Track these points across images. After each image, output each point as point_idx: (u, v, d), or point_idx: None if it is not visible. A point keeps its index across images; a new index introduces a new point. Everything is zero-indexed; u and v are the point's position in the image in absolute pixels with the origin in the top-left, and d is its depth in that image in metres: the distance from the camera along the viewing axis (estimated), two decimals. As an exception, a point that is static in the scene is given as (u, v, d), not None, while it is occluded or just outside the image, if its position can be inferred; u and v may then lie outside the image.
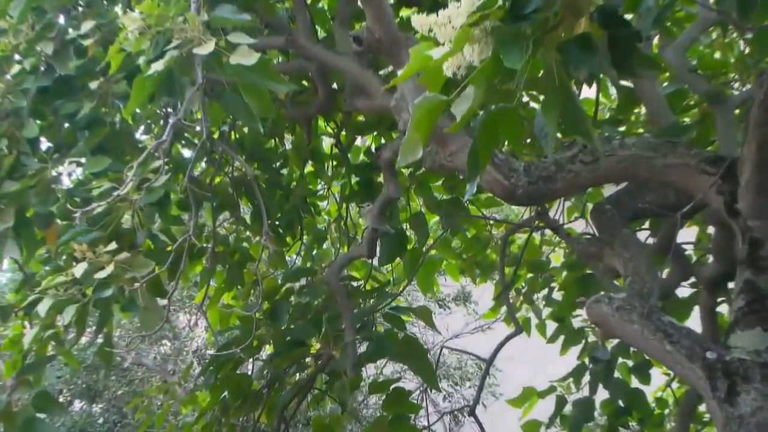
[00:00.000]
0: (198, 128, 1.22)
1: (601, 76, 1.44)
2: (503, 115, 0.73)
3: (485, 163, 0.79)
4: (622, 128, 1.83)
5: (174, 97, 1.13)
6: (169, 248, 1.39)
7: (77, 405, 4.31)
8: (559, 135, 1.02)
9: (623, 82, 1.62)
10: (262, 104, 1.12)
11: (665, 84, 1.60)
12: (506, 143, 1.01)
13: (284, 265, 2.32)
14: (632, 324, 0.99)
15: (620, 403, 1.86)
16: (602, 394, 1.86)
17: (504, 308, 2.37)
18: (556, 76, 0.69)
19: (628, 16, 1.04)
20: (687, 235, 1.85)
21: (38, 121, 1.42)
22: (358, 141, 2.41)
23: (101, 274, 1.18)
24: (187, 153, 2.02)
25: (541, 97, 0.75)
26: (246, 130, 2.06)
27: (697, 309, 1.61)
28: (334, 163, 2.35)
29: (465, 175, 0.79)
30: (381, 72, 1.38)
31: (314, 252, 2.52)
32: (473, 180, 0.77)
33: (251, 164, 2.11)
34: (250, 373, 2.20)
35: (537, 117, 0.78)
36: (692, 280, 1.63)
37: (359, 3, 1.34)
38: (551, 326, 2.18)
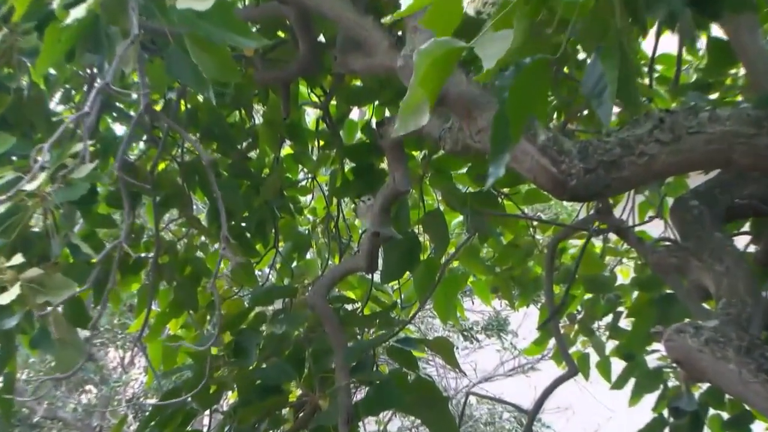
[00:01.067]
0: (134, 96, 1.21)
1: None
2: (543, 72, 0.73)
3: (517, 135, 0.79)
4: (714, 95, 1.83)
5: (100, 53, 1.12)
6: (94, 261, 1.37)
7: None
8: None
9: (714, 32, 1.62)
10: (221, 64, 1.10)
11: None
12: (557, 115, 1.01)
13: (253, 282, 2.34)
14: (727, 362, 0.99)
15: (712, 470, 1.88)
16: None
17: (552, 341, 2.38)
18: (618, 15, 0.69)
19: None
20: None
21: None
22: (354, 114, 2.43)
23: (2, 298, 1.14)
24: (119, 130, 2.03)
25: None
26: (201, 98, 2.07)
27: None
28: (321, 143, 2.37)
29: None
30: (385, 20, 1.35)
31: (294, 264, 2.56)
32: (499, 158, 0.77)
33: (208, 145, 2.13)
34: (206, 430, 2.21)
35: (588, 70, 0.78)
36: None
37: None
38: (617, 366, 2.18)
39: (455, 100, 1.17)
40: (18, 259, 1.19)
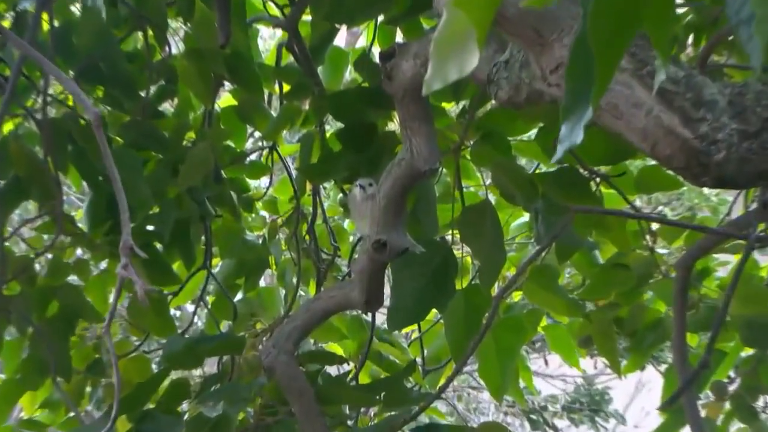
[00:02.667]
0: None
1: None
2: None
3: (609, 70, 0.79)
4: None
5: None
6: None
7: None
8: None
9: None
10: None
11: None
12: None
13: (167, 327, 2.35)
14: None
15: None
16: None
17: (687, 431, 2.37)
18: None
19: None
20: None
21: None
22: (341, 37, 2.43)
23: None
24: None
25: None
26: (79, 7, 2.11)
27: None
28: (285, 88, 2.40)
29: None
30: None
31: (238, 297, 2.59)
32: (577, 112, 0.78)
33: (90, 90, 2.14)
34: None
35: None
36: None
37: None
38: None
39: (517, 19, 1.17)
40: None
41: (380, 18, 2.26)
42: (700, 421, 2.09)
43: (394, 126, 2.06)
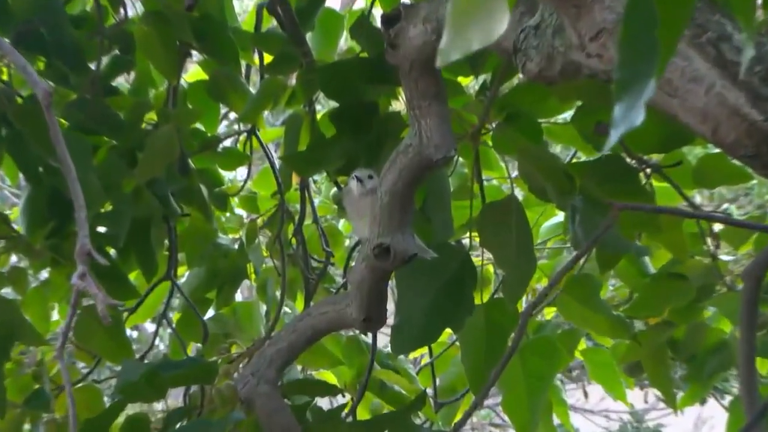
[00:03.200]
0: None
1: None
2: None
3: (672, 40, 0.79)
4: None
5: None
6: None
7: None
8: None
9: None
10: None
11: None
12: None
13: (122, 350, 2.35)
14: None
15: None
16: None
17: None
18: None
19: None
20: None
21: None
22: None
23: None
24: None
25: None
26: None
27: None
28: (266, 59, 2.41)
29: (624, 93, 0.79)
30: None
31: (209, 314, 2.60)
32: (635, 90, 0.77)
33: (30, 60, 2.13)
34: None
35: None
36: None
37: None
38: None
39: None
40: None
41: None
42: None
43: (399, 105, 2.07)
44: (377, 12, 2.36)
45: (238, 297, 2.70)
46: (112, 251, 2.29)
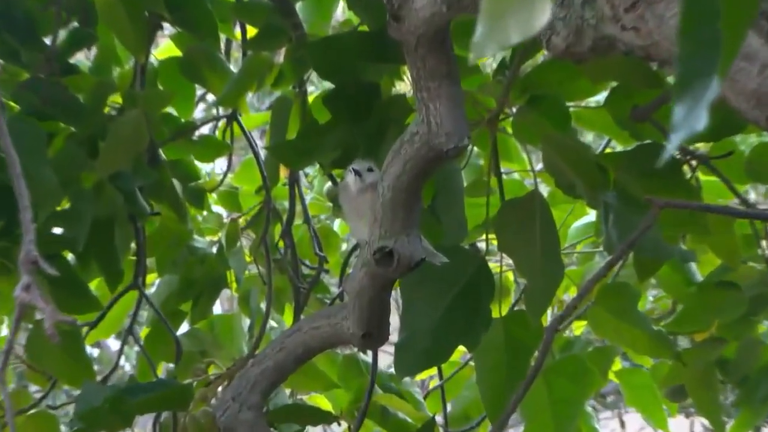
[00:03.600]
0: None
1: None
2: None
3: (745, 27, 0.79)
4: None
5: None
6: None
7: None
8: None
9: None
10: None
11: None
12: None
13: (85, 371, 2.35)
14: None
15: None
16: None
17: None
18: None
19: None
20: None
21: None
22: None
23: None
24: None
25: None
26: None
27: None
28: (251, 31, 2.41)
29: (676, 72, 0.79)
30: None
31: (182, 330, 2.62)
32: (701, 87, 0.78)
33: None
34: None
35: None
36: None
37: None
38: None
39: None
40: None
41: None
42: None
43: (404, 87, 2.06)
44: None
45: (217, 309, 2.70)
46: (70, 256, 2.29)
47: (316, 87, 2.32)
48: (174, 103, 2.46)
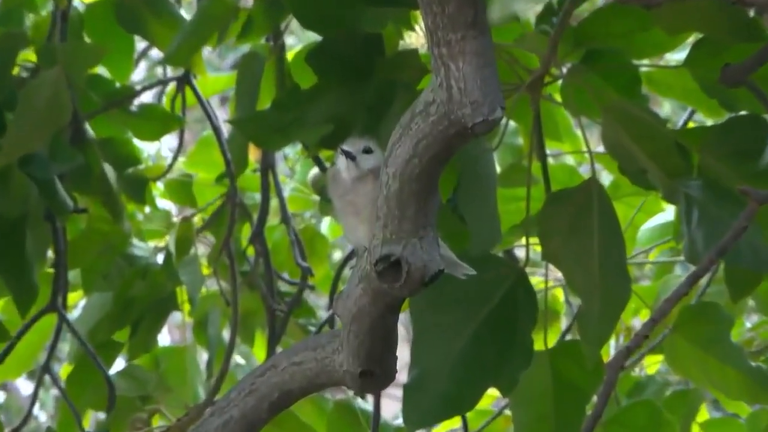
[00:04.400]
0: None
1: None
2: None
3: None
4: None
5: None
6: None
7: None
8: None
9: None
10: None
11: None
12: None
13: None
14: None
15: None
16: None
17: None
18: None
19: None
20: None
21: None
22: None
23: None
24: None
25: None
26: None
27: None
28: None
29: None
30: None
31: (120, 364, 2.62)
32: None
33: None
34: None
35: None
36: None
37: None
38: None
39: None
40: None
41: None
42: None
43: (415, 40, 2.07)
44: None
45: (164, 339, 2.71)
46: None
47: (297, 39, 2.33)
48: (106, 61, 2.47)
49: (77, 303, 2.64)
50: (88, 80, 2.40)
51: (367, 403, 2.48)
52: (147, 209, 2.75)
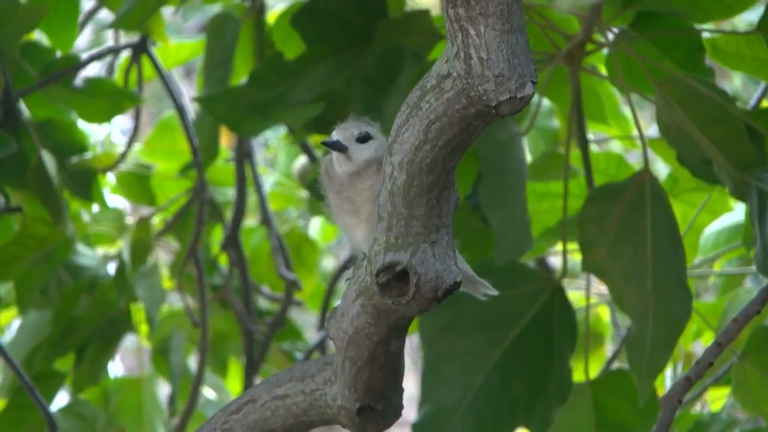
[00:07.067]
0: None
1: None
2: None
3: None
4: None
5: None
6: None
7: None
8: None
9: None
10: None
11: None
12: None
13: None
14: None
15: None
16: None
17: None
18: None
19: None
20: None
21: None
22: None
23: None
24: None
25: None
26: None
27: None
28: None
29: None
30: None
31: (64, 398, 2.64)
32: None
33: None
34: None
35: None
36: None
37: None
38: None
39: None
40: None
41: None
42: None
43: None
44: None
45: (116, 368, 2.71)
46: None
47: (279, -1, 2.33)
48: (44, 25, 2.47)
49: (9, 323, 2.64)
50: (23, 48, 2.41)
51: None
52: (95, 208, 2.74)
